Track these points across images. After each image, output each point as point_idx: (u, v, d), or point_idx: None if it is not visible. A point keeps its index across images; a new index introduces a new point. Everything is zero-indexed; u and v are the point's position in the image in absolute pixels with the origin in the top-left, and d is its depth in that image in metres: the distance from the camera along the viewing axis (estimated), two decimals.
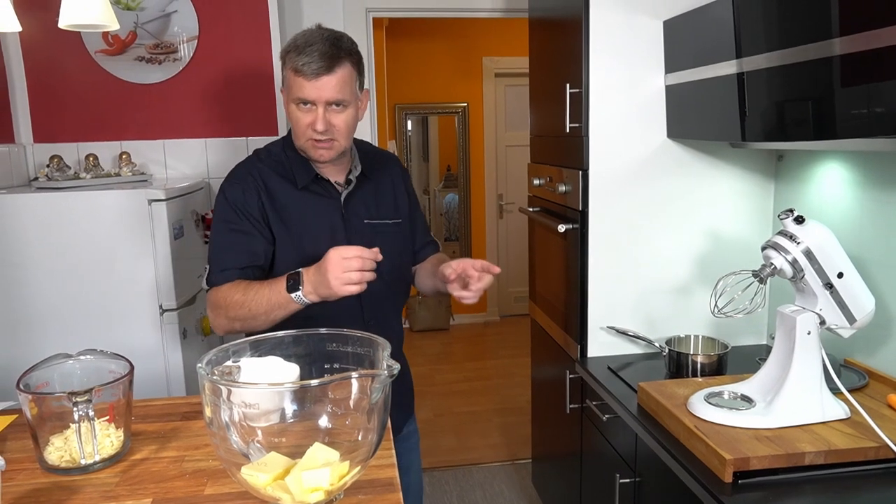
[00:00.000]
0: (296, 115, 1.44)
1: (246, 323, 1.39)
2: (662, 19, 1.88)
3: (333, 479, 0.95)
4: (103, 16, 1.33)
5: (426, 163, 5.63)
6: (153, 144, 2.62)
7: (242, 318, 1.38)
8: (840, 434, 1.33)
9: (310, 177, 1.51)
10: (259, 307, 1.36)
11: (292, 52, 1.41)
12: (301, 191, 1.50)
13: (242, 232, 1.45)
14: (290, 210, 1.49)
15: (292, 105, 1.44)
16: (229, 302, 1.39)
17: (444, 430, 3.63)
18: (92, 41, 2.52)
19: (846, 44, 1.19)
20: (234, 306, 1.38)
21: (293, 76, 1.41)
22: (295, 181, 1.50)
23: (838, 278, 1.38)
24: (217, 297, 1.42)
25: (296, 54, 1.40)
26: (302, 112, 1.43)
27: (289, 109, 1.46)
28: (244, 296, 1.37)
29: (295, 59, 1.40)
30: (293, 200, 1.49)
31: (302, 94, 1.41)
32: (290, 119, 1.47)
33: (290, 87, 1.43)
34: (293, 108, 1.44)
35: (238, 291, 1.39)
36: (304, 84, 1.39)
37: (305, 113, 1.43)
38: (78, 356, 1.31)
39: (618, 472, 1.72)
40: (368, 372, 0.99)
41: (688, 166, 1.98)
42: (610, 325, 2.02)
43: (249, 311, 1.37)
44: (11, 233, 2.03)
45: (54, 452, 1.19)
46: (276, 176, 1.50)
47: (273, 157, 1.54)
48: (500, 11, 3.06)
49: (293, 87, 1.42)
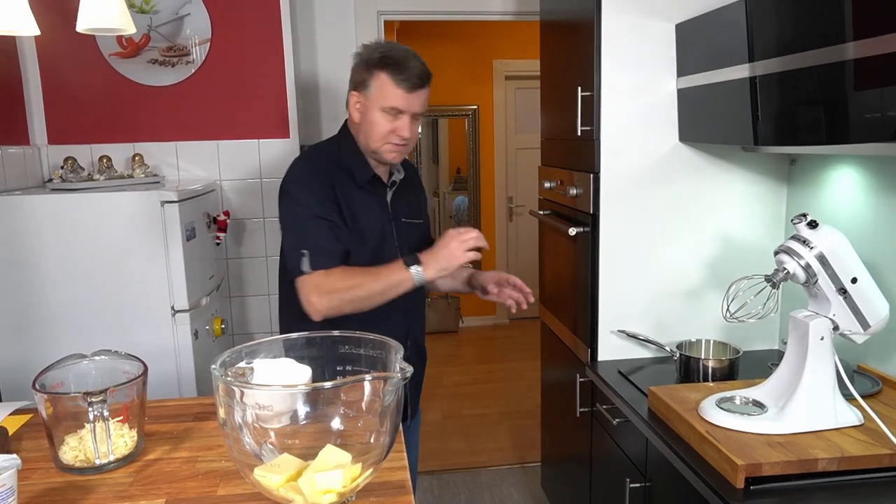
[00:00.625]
0: (380, 120, 1.55)
1: (356, 304, 1.50)
2: (674, 23, 1.88)
3: (346, 481, 0.95)
4: (121, 19, 1.35)
5: (436, 165, 5.64)
6: (166, 146, 2.64)
7: (359, 299, 1.49)
8: (853, 441, 1.32)
9: (368, 176, 1.62)
10: (378, 287, 1.48)
11: (390, 65, 1.53)
12: (359, 189, 1.61)
13: (333, 222, 1.54)
14: (353, 205, 1.59)
15: (378, 111, 1.55)
16: (345, 284, 1.48)
17: (452, 433, 3.62)
18: (106, 44, 2.55)
19: (859, 48, 1.18)
20: (354, 289, 1.48)
21: (391, 86, 1.53)
22: (354, 179, 1.61)
23: (852, 283, 1.38)
24: (328, 280, 1.49)
25: (395, 68, 1.53)
26: (388, 119, 1.55)
27: (371, 114, 1.56)
28: (363, 278, 1.49)
29: (395, 73, 1.53)
30: (354, 197, 1.60)
31: (397, 103, 1.54)
32: (369, 122, 1.57)
33: (382, 95, 1.54)
34: (379, 114, 1.55)
35: (355, 275, 1.50)
36: (401, 95, 1.53)
37: (391, 120, 1.55)
38: (93, 357, 1.33)
39: (628, 476, 1.72)
40: (381, 375, 1.00)
41: (700, 170, 1.97)
42: (620, 329, 2.01)
43: (368, 293, 1.49)
44: (26, 233, 2.05)
45: (69, 452, 1.20)
46: (340, 173, 1.60)
47: (331, 156, 1.64)
48: (511, 14, 3.07)
49: (388, 96, 1.53)
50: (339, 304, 1.49)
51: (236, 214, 2.70)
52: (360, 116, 1.59)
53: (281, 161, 2.69)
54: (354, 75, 1.59)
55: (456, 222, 5.64)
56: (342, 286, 1.48)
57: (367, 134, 1.59)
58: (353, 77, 1.60)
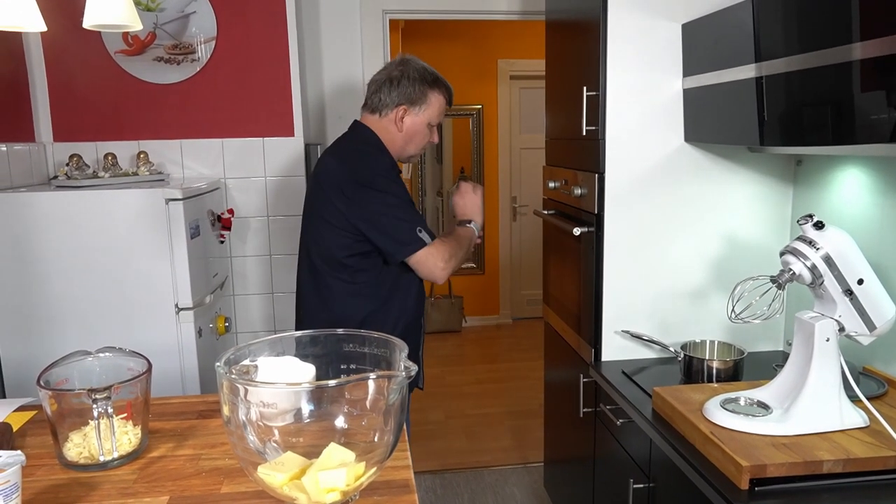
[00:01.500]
0: (425, 132, 1.87)
1: (458, 265, 1.81)
2: (681, 22, 1.88)
3: (349, 480, 0.95)
4: (127, 16, 1.35)
5: (440, 164, 5.64)
6: (170, 144, 2.64)
7: (459, 260, 1.80)
8: (859, 442, 1.32)
9: (399, 169, 1.88)
10: (465, 247, 1.83)
11: (444, 88, 1.87)
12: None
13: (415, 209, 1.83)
14: None
15: (426, 125, 1.86)
16: (451, 250, 1.77)
17: (455, 432, 3.62)
18: (112, 41, 2.55)
19: (867, 48, 1.18)
20: (457, 252, 1.79)
21: (444, 104, 1.87)
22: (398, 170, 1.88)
23: (858, 285, 1.37)
24: (441, 248, 1.76)
25: (447, 91, 1.87)
26: (429, 130, 1.88)
27: (418, 127, 1.85)
28: (456, 243, 1.80)
29: (447, 94, 1.87)
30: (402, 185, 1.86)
31: (441, 119, 1.89)
32: (415, 132, 1.85)
33: (435, 110, 1.85)
34: (425, 127, 1.86)
35: (450, 242, 1.79)
36: (444, 110, 1.88)
37: (432, 131, 1.89)
38: (97, 354, 1.33)
39: (631, 477, 1.71)
40: (386, 373, 1.00)
41: (705, 170, 1.97)
42: (624, 329, 2.01)
43: (464, 252, 1.82)
44: (31, 231, 2.05)
45: (73, 449, 1.20)
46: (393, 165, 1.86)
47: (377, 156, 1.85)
48: (517, 14, 3.07)
49: (439, 112, 1.87)
50: (455, 265, 1.79)
51: (240, 213, 2.70)
52: (406, 127, 1.83)
53: (286, 160, 2.70)
54: (406, 91, 1.81)
55: None
56: (450, 252, 1.76)
57: (409, 142, 1.85)
58: (404, 93, 1.81)
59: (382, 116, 1.83)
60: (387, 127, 1.83)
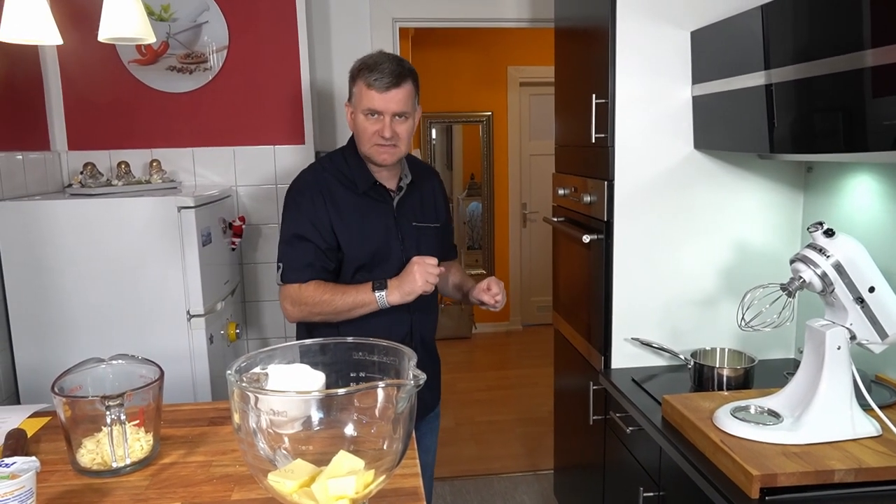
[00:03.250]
0: (363, 124, 1.64)
1: (326, 317, 1.65)
2: (690, 30, 1.88)
3: (359, 488, 0.95)
4: (142, 29, 1.37)
5: (450, 171, 5.65)
6: (183, 152, 2.67)
7: (326, 313, 1.64)
8: (871, 452, 1.31)
9: (369, 183, 1.71)
10: (344, 304, 1.62)
11: (364, 70, 1.62)
12: (361, 195, 1.70)
13: (312, 241, 1.65)
14: (352, 213, 1.69)
15: (361, 115, 1.64)
16: (316, 300, 1.62)
17: (465, 439, 3.62)
18: (125, 51, 2.58)
19: (878, 55, 1.17)
20: (322, 304, 1.62)
21: (365, 90, 1.61)
22: (356, 187, 1.70)
23: (869, 293, 1.36)
24: (301, 293, 1.64)
25: (368, 71, 1.61)
26: (370, 122, 1.63)
27: (356, 120, 1.66)
28: (332, 296, 1.62)
29: (367, 76, 1.61)
30: (354, 204, 1.70)
31: (372, 105, 1.61)
32: (357, 128, 1.67)
33: (360, 99, 1.63)
34: (361, 118, 1.64)
35: (326, 291, 1.63)
36: (374, 96, 1.60)
37: (373, 122, 1.63)
38: (110, 361, 1.34)
39: (641, 485, 1.71)
40: (395, 382, 1.00)
41: (715, 178, 1.96)
42: (634, 337, 2.00)
43: (334, 308, 1.62)
44: (45, 238, 2.07)
45: (86, 455, 1.21)
46: (339, 183, 1.71)
47: (335, 165, 1.74)
48: (526, 21, 3.07)
49: (364, 99, 1.62)
50: (309, 314, 1.66)
51: (252, 220, 2.72)
52: (351, 124, 1.69)
53: (296, 167, 2.70)
54: (349, 88, 1.69)
55: (470, 228, 5.64)
56: (312, 300, 1.63)
57: (358, 139, 1.69)
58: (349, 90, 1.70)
59: None
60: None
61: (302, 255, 1.65)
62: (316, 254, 1.65)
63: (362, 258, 1.69)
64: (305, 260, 1.65)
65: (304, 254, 1.65)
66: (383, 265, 1.70)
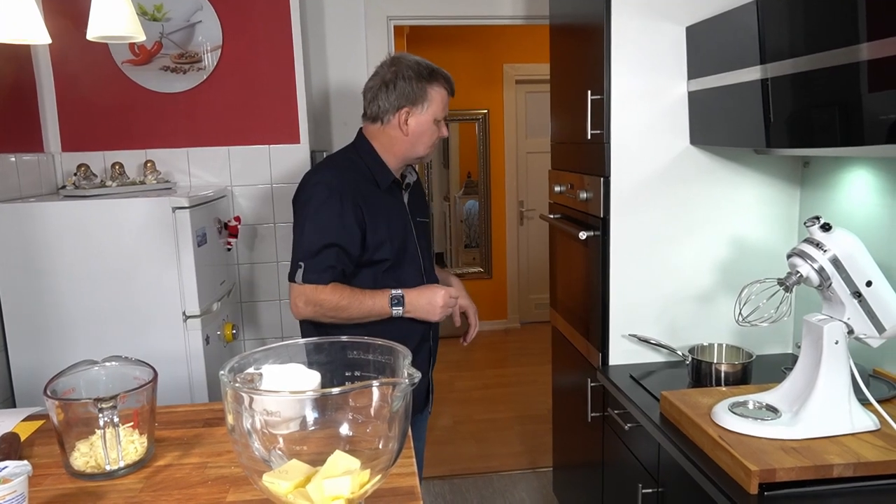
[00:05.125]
0: (433, 129, 1.75)
1: (339, 320, 1.67)
2: (685, 25, 1.87)
3: (354, 488, 0.95)
4: (130, 27, 1.36)
5: (446, 169, 5.64)
6: (177, 153, 2.65)
7: (339, 317, 1.66)
8: (870, 446, 1.30)
9: (389, 181, 1.76)
10: (359, 312, 1.65)
11: (442, 78, 1.74)
12: (383, 192, 1.75)
13: (338, 244, 1.66)
14: (379, 208, 1.72)
15: (432, 122, 1.74)
16: (334, 304, 1.64)
17: (464, 438, 3.61)
18: (119, 51, 2.57)
19: (873, 49, 1.17)
20: (338, 308, 1.64)
21: (447, 95, 1.75)
22: (377, 184, 1.74)
23: (867, 287, 1.36)
24: (318, 295, 1.64)
25: (445, 79, 1.74)
26: (437, 126, 1.75)
27: (425, 125, 1.73)
28: (350, 300, 1.64)
29: (446, 82, 1.75)
30: (380, 200, 1.73)
31: (447, 111, 1.76)
32: (423, 133, 1.74)
33: (439, 105, 1.74)
34: (432, 123, 1.74)
35: (344, 296, 1.64)
36: (448, 101, 1.76)
37: (440, 126, 1.76)
38: (103, 363, 1.33)
39: (640, 481, 1.70)
40: (390, 380, 0.99)
41: (711, 173, 1.96)
42: (632, 333, 2.00)
43: (348, 314, 1.65)
44: (40, 241, 2.06)
45: (80, 458, 1.20)
46: (363, 181, 1.73)
47: (354, 165, 1.76)
48: (521, 18, 3.07)
49: (444, 104, 1.75)
50: (321, 315, 1.67)
51: (247, 220, 2.71)
52: (412, 129, 1.73)
53: (292, 167, 2.70)
54: (405, 91, 1.70)
55: (467, 226, 5.63)
56: (328, 303, 1.64)
57: (417, 143, 1.75)
58: (402, 94, 1.71)
59: (385, 124, 1.74)
60: (390, 133, 1.74)
61: (325, 258, 1.65)
62: (339, 257, 1.66)
63: (390, 251, 1.71)
64: (327, 262, 1.65)
65: (327, 256, 1.65)
66: (405, 265, 1.76)
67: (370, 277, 1.72)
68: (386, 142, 1.76)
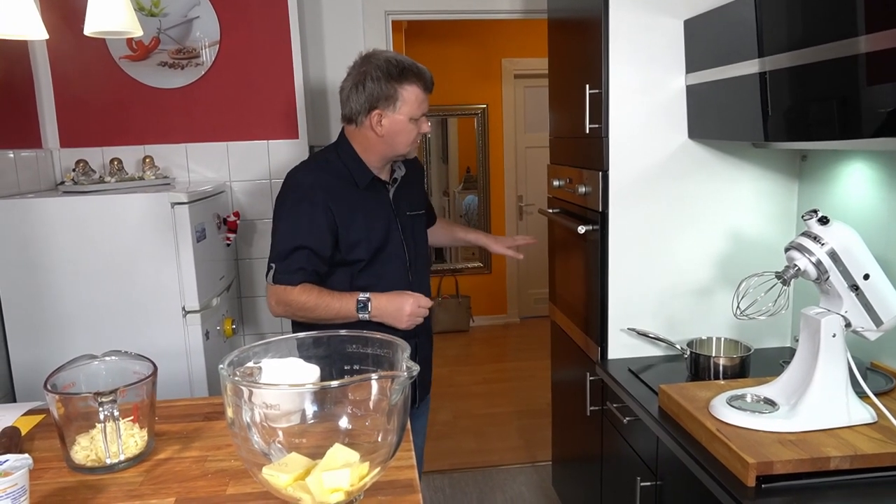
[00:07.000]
0: (410, 128, 1.69)
1: (309, 320, 1.68)
2: (683, 19, 1.87)
3: (353, 480, 0.95)
4: (127, 22, 1.35)
5: (445, 164, 5.64)
6: (176, 148, 2.65)
7: (308, 317, 1.68)
8: (867, 439, 1.31)
9: (367, 180, 1.74)
10: (327, 314, 1.66)
11: (413, 76, 1.66)
12: (362, 191, 1.74)
13: (308, 246, 1.66)
14: (356, 211, 1.71)
15: (408, 121, 1.68)
16: (301, 304, 1.66)
17: (463, 432, 3.62)
18: (116, 47, 2.56)
19: (872, 41, 1.17)
20: (306, 309, 1.66)
21: (422, 93, 1.68)
22: (355, 183, 1.73)
23: (864, 280, 1.36)
24: (287, 295, 1.66)
25: (417, 76, 1.66)
26: (414, 124, 1.69)
27: (400, 125, 1.68)
28: (317, 302, 1.65)
29: (419, 80, 1.67)
30: (356, 199, 1.72)
31: (424, 108, 1.70)
32: (399, 131, 1.69)
33: (413, 104, 1.67)
34: (408, 123, 1.68)
35: (311, 297, 1.65)
36: (424, 98, 1.69)
37: (421, 123, 1.70)
38: (103, 357, 1.34)
39: (639, 475, 1.71)
40: (388, 374, 1.00)
41: (709, 167, 1.96)
42: (630, 327, 2.00)
43: (317, 315, 1.66)
44: (39, 237, 2.06)
45: (80, 452, 1.21)
46: (339, 181, 1.72)
47: (332, 164, 1.75)
48: (519, 13, 3.06)
49: (420, 102, 1.68)
50: (292, 315, 1.71)
51: (246, 215, 2.71)
52: (386, 130, 1.68)
53: (290, 162, 2.69)
54: (374, 93, 1.65)
55: (466, 221, 5.64)
56: (296, 304, 1.66)
57: (395, 144, 1.71)
58: (372, 96, 1.65)
59: (360, 125, 1.70)
60: (366, 135, 1.70)
61: (295, 260, 1.66)
62: (309, 259, 1.67)
63: (367, 249, 1.71)
64: (298, 264, 1.66)
65: (297, 258, 1.66)
66: (386, 262, 1.75)
67: (346, 277, 1.73)
68: (363, 142, 1.73)
